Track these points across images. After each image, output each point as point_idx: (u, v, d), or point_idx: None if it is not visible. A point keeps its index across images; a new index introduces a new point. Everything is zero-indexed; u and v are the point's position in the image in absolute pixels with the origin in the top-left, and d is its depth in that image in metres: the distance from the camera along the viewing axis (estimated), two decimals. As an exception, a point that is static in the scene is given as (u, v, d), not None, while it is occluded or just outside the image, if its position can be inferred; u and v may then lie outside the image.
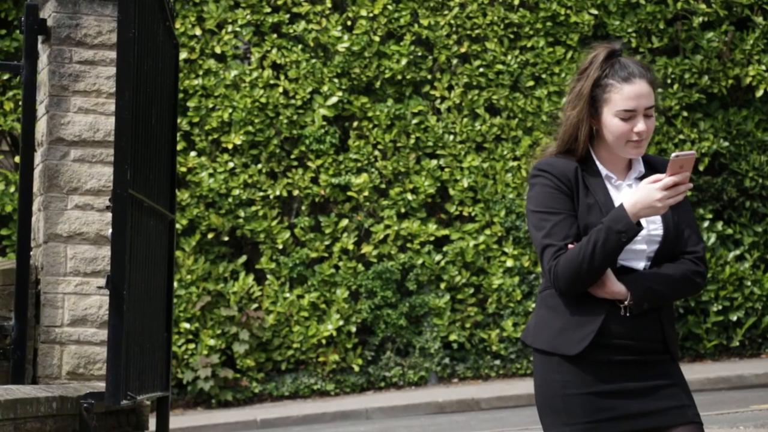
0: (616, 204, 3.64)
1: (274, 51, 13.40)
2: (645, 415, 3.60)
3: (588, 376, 3.60)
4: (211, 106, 13.22)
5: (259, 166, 13.27)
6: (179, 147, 12.93)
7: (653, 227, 3.66)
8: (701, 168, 13.90)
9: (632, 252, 3.63)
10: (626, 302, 3.59)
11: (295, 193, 13.34)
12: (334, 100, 13.39)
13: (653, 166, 3.79)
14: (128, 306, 5.35)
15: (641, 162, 3.78)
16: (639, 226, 3.56)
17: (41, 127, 6.52)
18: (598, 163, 3.73)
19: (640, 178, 3.73)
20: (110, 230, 5.41)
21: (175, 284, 12.79)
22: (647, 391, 3.61)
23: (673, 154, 3.47)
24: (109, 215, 5.89)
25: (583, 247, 3.55)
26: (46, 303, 6.28)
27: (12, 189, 12.25)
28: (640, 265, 3.65)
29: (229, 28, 13.35)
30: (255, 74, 13.33)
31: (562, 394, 3.62)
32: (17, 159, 12.00)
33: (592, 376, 3.60)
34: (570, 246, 3.59)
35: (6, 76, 12.19)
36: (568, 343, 3.60)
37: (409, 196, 13.44)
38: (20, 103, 7.74)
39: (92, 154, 6.42)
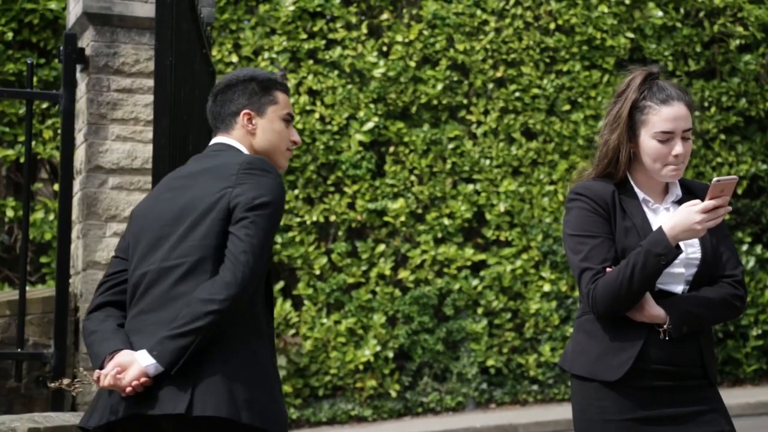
0: (654, 227, 3.62)
1: (311, 77, 13.45)
2: (685, 440, 3.58)
3: (627, 402, 3.57)
4: (247, 132, 13.27)
5: (296, 191, 13.30)
6: (216, 174, 12.96)
7: (691, 250, 3.64)
8: (739, 191, 13.81)
9: (670, 275, 3.61)
10: (665, 326, 3.56)
11: (332, 218, 13.35)
12: (370, 125, 13.41)
13: (690, 190, 3.77)
14: (166, 332, 5.35)
15: (678, 186, 3.76)
16: (678, 249, 3.54)
17: (80, 155, 6.56)
18: (635, 186, 3.71)
19: (678, 202, 3.71)
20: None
21: (213, 310, 12.81)
22: (686, 417, 3.59)
23: (715, 179, 3.46)
24: (147, 242, 5.90)
25: (622, 270, 3.53)
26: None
27: (51, 217, 12.33)
28: (679, 288, 3.63)
29: (266, 54, 13.41)
30: (291, 100, 13.36)
31: (600, 420, 3.60)
32: (56, 187, 12.08)
33: (631, 402, 3.57)
34: (608, 269, 3.58)
35: (45, 105, 12.29)
36: (607, 369, 3.58)
37: (446, 221, 13.42)
38: (59, 131, 7.80)
39: (130, 181, 6.46)
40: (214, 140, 4.00)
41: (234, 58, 13.31)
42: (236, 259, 3.62)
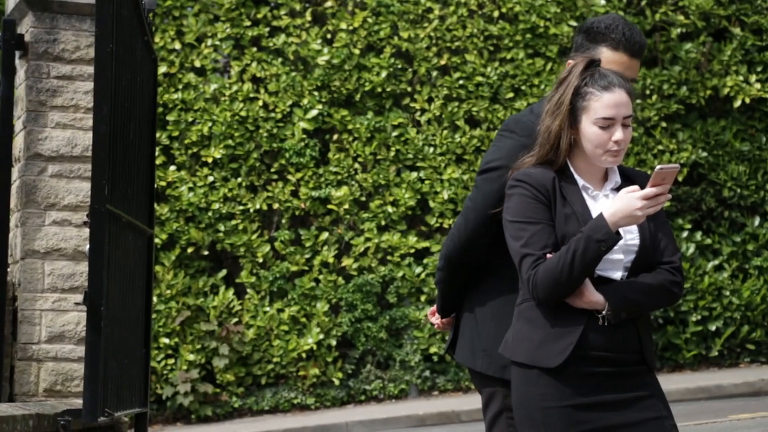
0: (593, 214, 3.65)
1: (254, 64, 13.39)
2: (623, 426, 3.60)
3: (567, 389, 3.59)
4: (190, 119, 13.20)
5: (239, 179, 13.25)
6: (159, 161, 12.90)
7: (630, 237, 3.67)
8: (680, 178, 13.93)
9: (609, 262, 3.63)
10: (604, 312, 3.59)
11: (275, 206, 13.32)
12: (314, 113, 13.39)
13: (629, 177, 3.80)
14: (106, 322, 5.33)
15: (617, 173, 3.79)
16: (618, 236, 3.56)
17: (18, 142, 6.50)
18: (575, 173, 3.73)
19: (617, 189, 3.73)
20: (88, 246, 5.38)
21: (155, 299, 12.75)
22: (625, 402, 3.61)
23: (658, 166, 3.48)
24: (87, 231, 5.87)
25: (562, 256, 3.55)
26: (23, 320, 6.24)
27: (-10, 204, 12.21)
28: (617, 275, 3.66)
29: (209, 41, 13.34)
30: (235, 88, 13.32)
31: (541, 407, 3.61)
32: (-5, 174, 11.94)
33: (571, 388, 3.59)
34: (548, 255, 3.60)
35: (-16, 91, 12.16)
36: (548, 355, 3.60)
37: (390, 209, 13.43)
38: (-2, 118, 7.74)
39: (70, 169, 6.40)
40: None
41: (177, 45, 13.22)
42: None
